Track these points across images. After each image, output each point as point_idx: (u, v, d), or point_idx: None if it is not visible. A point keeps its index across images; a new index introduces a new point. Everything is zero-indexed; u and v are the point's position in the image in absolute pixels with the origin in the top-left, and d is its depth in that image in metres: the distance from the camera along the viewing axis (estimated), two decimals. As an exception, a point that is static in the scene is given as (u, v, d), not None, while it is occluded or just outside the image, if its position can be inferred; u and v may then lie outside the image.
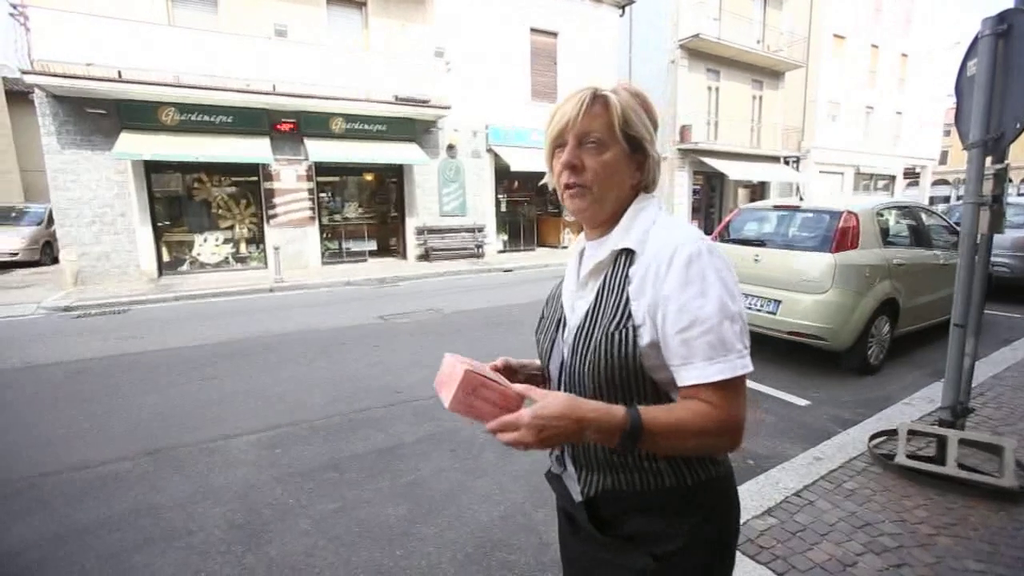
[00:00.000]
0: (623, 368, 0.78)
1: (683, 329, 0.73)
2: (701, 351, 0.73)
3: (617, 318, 0.79)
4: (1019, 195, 12.01)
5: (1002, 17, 2.31)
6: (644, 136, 0.83)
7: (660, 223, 0.83)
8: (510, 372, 1.03)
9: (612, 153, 0.82)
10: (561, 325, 0.92)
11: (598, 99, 0.82)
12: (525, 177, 14.32)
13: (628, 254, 0.82)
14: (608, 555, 0.86)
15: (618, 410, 0.73)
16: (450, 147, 12.69)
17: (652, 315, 0.77)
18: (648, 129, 0.84)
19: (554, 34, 14.06)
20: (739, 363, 0.74)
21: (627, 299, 0.79)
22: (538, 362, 1.03)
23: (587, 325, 0.83)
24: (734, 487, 0.90)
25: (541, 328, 0.99)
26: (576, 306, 0.89)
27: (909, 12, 24.05)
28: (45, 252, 12.72)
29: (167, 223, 10.20)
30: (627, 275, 0.80)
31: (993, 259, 6.57)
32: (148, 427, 3.45)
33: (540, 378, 1.03)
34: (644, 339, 0.77)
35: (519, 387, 0.77)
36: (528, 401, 0.76)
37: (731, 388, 0.74)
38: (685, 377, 0.75)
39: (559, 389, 0.90)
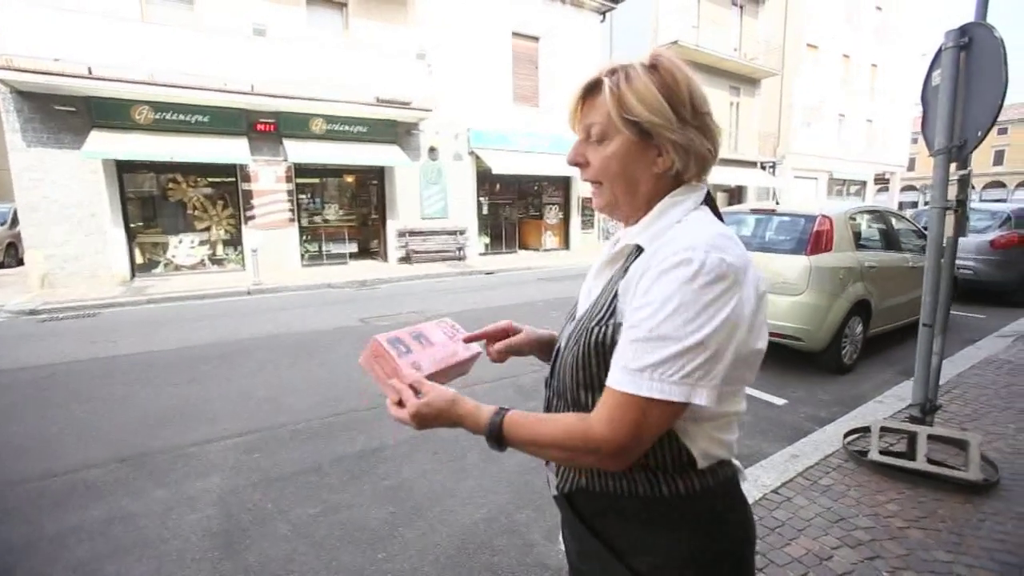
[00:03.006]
0: (596, 366, 0.74)
1: (626, 328, 0.69)
2: (622, 354, 0.68)
3: (601, 313, 0.75)
4: (981, 201, 12.49)
5: (963, 30, 2.42)
6: (650, 119, 0.72)
7: (685, 223, 0.74)
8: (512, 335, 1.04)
9: (615, 144, 0.76)
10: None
11: (597, 86, 0.76)
12: (507, 180, 14.35)
13: (639, 250, 0.76)
14: (588, 565, 0.82)
15: (485, 415, 0.77)
16: (432, 149, 12.65)
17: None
18: (661, 110, 0.72)
19: (536, 38, 14.14)
20: (647, 384, 0.65)
21: (615, 295, 0.75)
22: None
23: (583, 318, 0.80)
24: (729, 503, 0.79)
25: (568, 314, 0.95)
26: (591, 294, 0.86)
27: (879, 24, 24.89)
28: (9, 253, 12.26)
29: (140, 224, 9.92)
30: (626, 271, 0.75)
31: (958, 263, 6.84)
32: (121, 433, 3.35)
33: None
34: (621, 339, 0.72)
35: (411, 376, 0.85)
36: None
37: (626, 406, 0.66)
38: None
39: (551, 378, 0.89)
